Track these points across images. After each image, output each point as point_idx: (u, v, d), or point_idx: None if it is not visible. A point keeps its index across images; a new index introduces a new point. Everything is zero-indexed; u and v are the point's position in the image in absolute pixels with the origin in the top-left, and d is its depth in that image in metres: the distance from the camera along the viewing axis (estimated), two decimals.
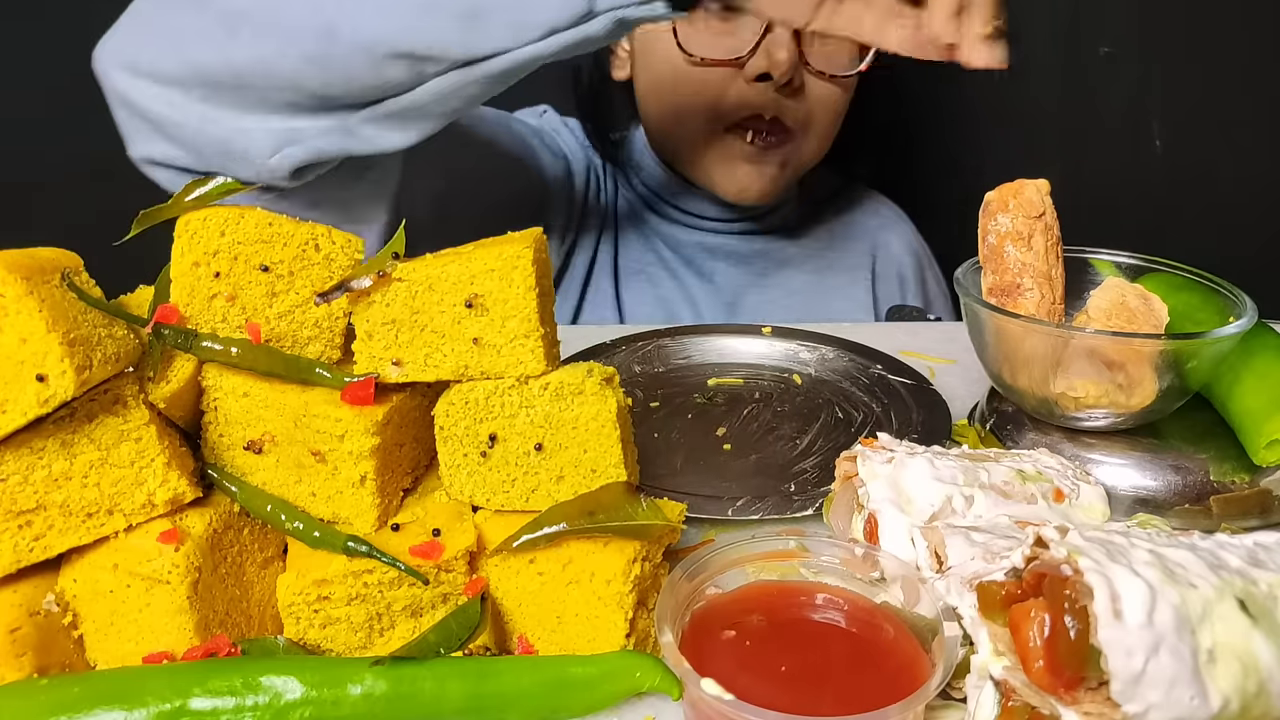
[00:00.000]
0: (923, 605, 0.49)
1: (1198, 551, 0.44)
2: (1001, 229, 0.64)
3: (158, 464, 0.51)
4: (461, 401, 0.54)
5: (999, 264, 0.65)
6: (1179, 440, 0.67)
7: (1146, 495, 0.65)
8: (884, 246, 1.24)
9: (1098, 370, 0.63)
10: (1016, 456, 0.62)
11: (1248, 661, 0.41)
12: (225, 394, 0.54)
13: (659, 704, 0.51)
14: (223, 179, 0.54)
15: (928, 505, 0.56)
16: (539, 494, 0.55)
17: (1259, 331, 0.68)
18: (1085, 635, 0.40)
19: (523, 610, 0.54)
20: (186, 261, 0.53)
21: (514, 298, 0.52)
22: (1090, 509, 0.60)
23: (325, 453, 0.53)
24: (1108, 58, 1.45)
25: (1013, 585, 0.45)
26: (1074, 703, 0.42)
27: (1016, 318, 0.64)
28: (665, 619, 0.48)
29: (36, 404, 0.46)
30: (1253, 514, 0.65)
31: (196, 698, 0.46)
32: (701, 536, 0.65)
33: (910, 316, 1.14)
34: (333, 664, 0.49)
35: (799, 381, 0.88)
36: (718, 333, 0.95)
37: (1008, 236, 0.64)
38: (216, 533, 0.53)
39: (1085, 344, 0.63)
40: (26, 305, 0.46)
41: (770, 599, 0.52)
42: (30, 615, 0.49)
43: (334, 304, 0.55)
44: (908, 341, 0.95)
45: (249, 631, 0.55)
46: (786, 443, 0.78)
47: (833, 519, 0.62)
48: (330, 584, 0.52)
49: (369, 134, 0.76)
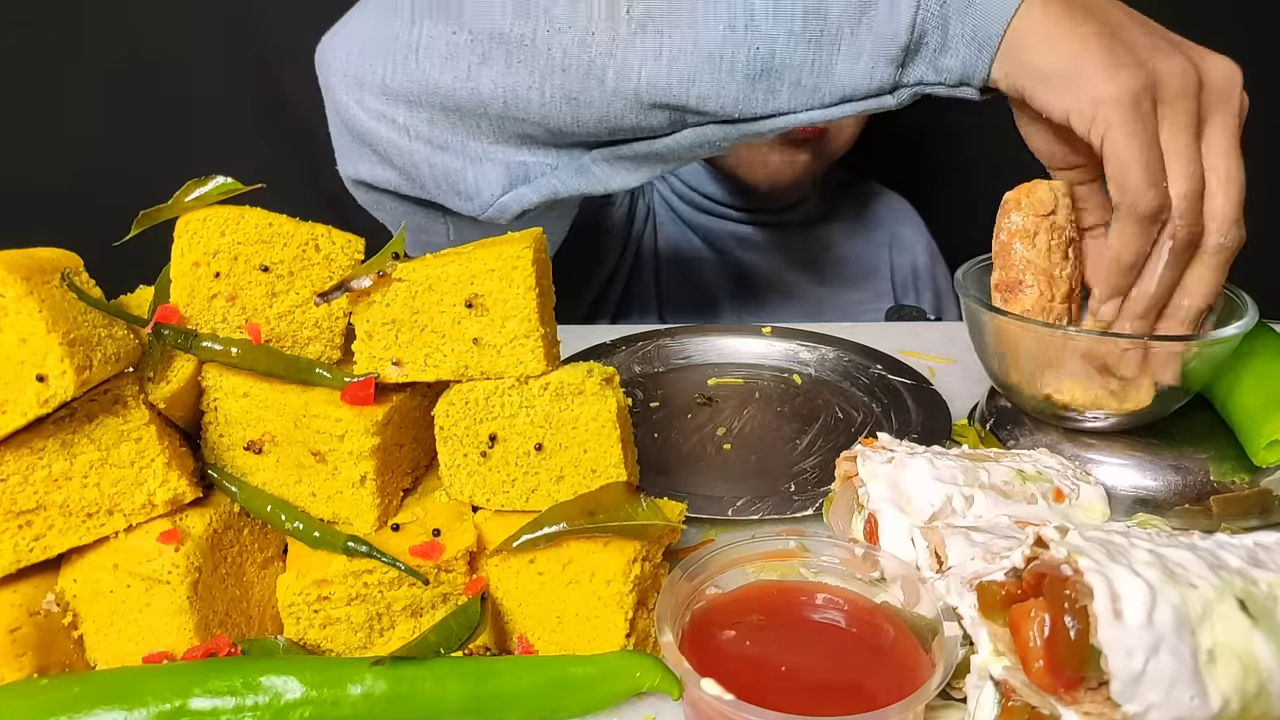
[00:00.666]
0: (923, 605, 0.49)
1: (1198, 551, 0.44)
2: (1013, 226, 0.65)
3: (158, 464, 0.51)
4: (461, 401, 0.54)
5: (1005, 260, 0.65)
6: (1179, 440, 0.67)
7: (1146, 495, 0.65)
8: (899, 239, 1.26)
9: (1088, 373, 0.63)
10: (1016, 456, 0.62)
11: (1248, 661, 0.41)
12: (225, 394, 0.54)
13: (659, 704, 0.51)
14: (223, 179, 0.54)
15: (928, 505, 0.56)
16: (539, 494, 0.55)
17: (1259, 332, 0.68)
18: (1085, 635, 0.40)
19: (523, 610, 0.54)
20: (186, 261, 0.53)
21: (514, 298, 0.52)
22: (1090, 509, 0.60)
23: (325, 453, 0.53)
24: None
25: (1013, 585, 0.45)
26: (1074, 703, 0.42)
27: (1013, 317, 0.64)
28: (665, 619, 0.48)
29: (36, 404, 0.46)
30: (1253, 514, 0.65)
31: (196, 698, 0.46)
32: (701, 536, 0.65)
33: (910, 316, 1.14)
34: (333, 664, 0.49)
35: (799, 381, 0.88)
36: (718, 333, 0.95)
37: (1017, 234, 0.64)
38: (216, 533, 0.53)
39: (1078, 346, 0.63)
40: (26, 305, 0.46)
41: (770, 599, 0.52)
42: (30, 615, 0.49)
43: (334, 304, 0.55)
44: (908, 341, 0.95)
45: (249, 631, 0.55)
46: (786, 443, 0.78)
47: (833, 519, 0.62)
48: (330, 584, 0.52)
49: (601, 173, 0.72)
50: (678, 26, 0.63)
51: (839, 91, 0.63)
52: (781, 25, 0.61)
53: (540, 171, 0.72)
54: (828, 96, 0.63)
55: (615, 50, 0.64)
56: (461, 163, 0.72)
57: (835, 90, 0.63)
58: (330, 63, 0.74)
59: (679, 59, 0.63)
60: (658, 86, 0.64)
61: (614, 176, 0.72)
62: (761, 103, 0.64)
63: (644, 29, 0.63)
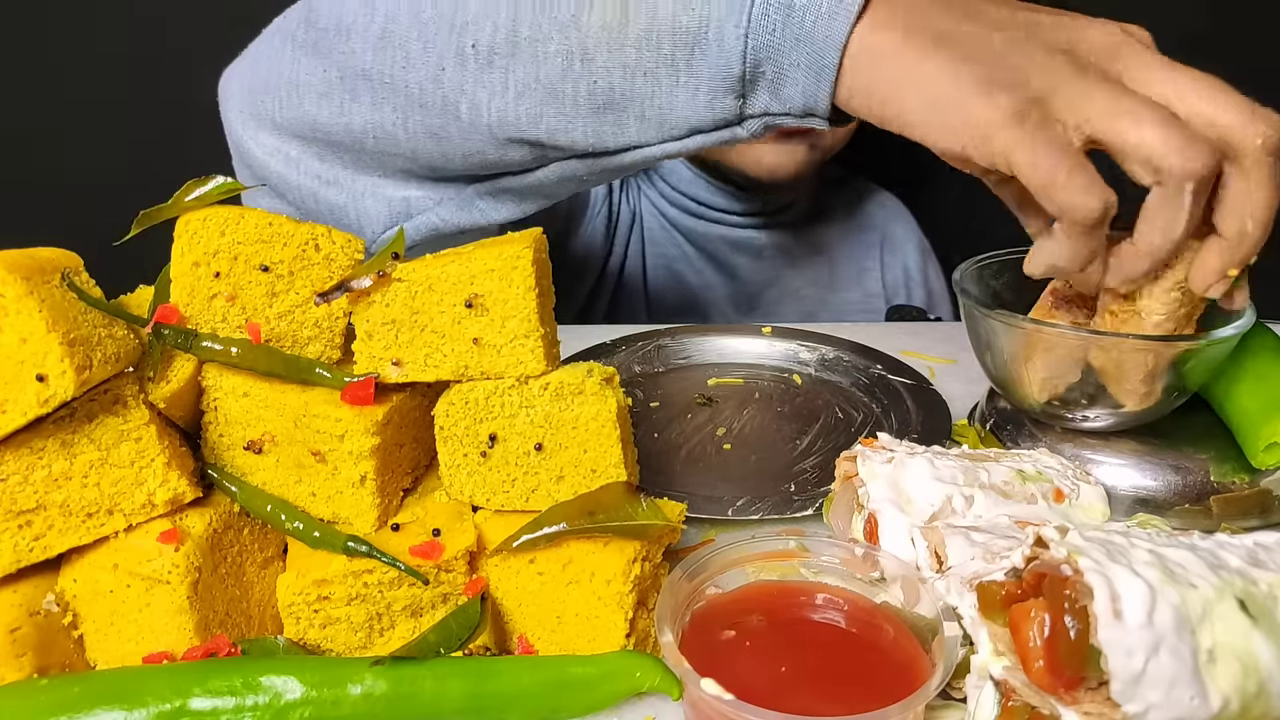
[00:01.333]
0: (923, 605, 0.49)
1: (1198, 551, 0.44)
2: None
3: (158, 464, 0.51)
4: (461, 401, 0.54)
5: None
6: (1179, 440, 0.67)
7: (1146, 495, 0.65)
8: (891, 238, 1.26)
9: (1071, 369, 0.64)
10: (1016, 456, 0.62)
11: (1248, 661, 0.41)
12: (225, 394, 0.54)
13: (659, 704, 0.51)
14: (222, 179, 0.54)
15: (928, 505, 0.56)
16: (539, 494, 0.55)
17: (1257, 332, 0.68)
18: (1085, 635, 0.40)
19: (523, 610, 0.54)
20: (186, 261, 0.53)
21: (514, 298, 0.52)
22: (1090, 509, 0.60)
23: (325, 453, 0.53)
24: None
25: (1013, 585, 0.45)
26: (1074, 703, 0.42)
27: (1012, 317, 0.64)
28: (665, 619, 0.48)
29: (36, 404, 0.46)
30: (1253, 514, 0.65)
31: (196, 698, 0.46)
32: (701, 536, 0.65)
33: (910, 316, 1.14)
34: (333, 664, 0.49)
35: (799, 381, 0.88)
36: (718, 333, 0.95)
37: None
38: (216, 533, 0.53)
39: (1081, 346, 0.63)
40: (26, 305, 0.46)
41: (770, 599, 0.52)
42: (30, 615, 0.49)
43: (334, 304, 0.55)
44: (908, 341, 0.95)
45: (249, 631, 0.55)
46: (786, 443, 0.78)
47: (833, 519, 0.62)
48: (330, 584, 0.52)
49: (486, 206, 0.72)
50: (520, 61, 0.63)
51: (684, 124, 0.62)
52: (616, 58, 0.60)
53: (422, 207, 0.72)
54: (675, 129, 0.62)
55: (465, 86, 0.64)
56: (346, 198, 0.72)
57: (680, 123, 0.62)
58: (228, 97, 0.75)
59: (525, 94, 0.63)
60: (508, 122, 0.64)
61: (499, 209, 0.72)
62: (611, 136, 0.63)
63: (490, 64, 0.63)
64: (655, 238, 1.17)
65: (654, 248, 1.17)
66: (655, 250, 1.17)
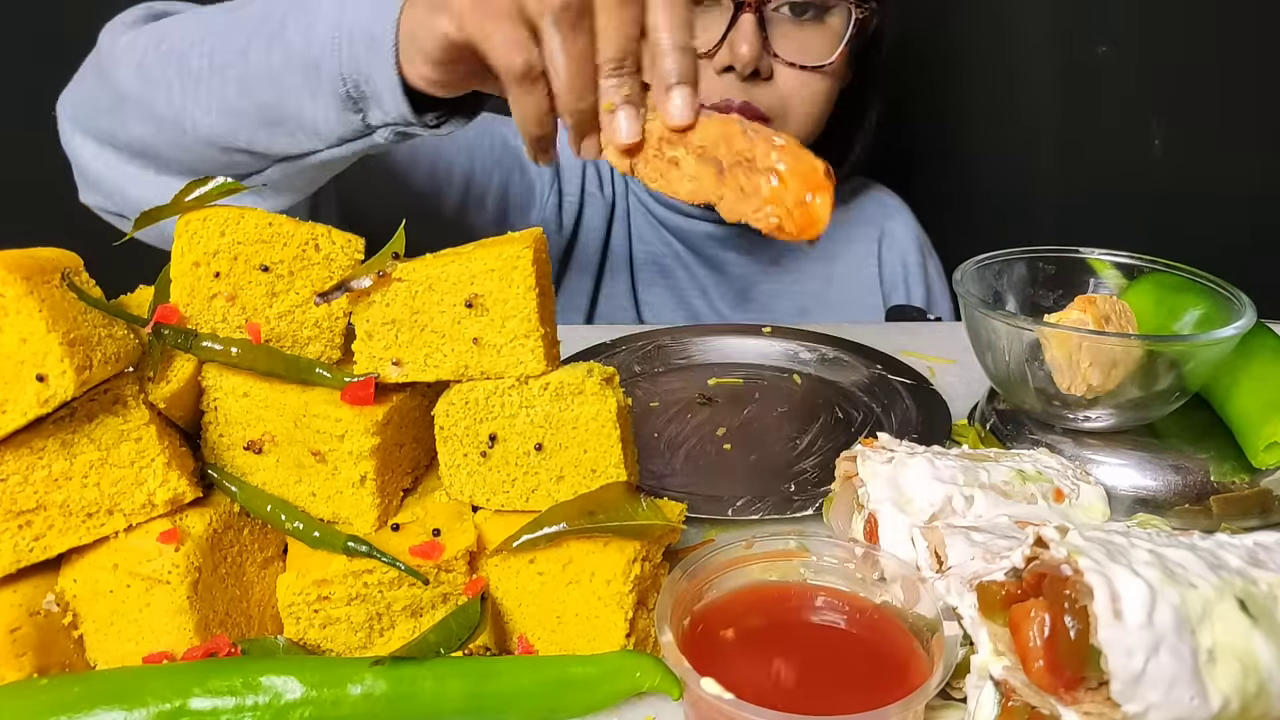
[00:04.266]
0: (923, 605, 0.49)
1: (1198, 551, 0.44)
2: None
3: (158, 464, 0.51)
4: (461, 401, 0.54)
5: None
6: (1179, 440, 0.67)
7: (1146, 495, 0.65)
8: (889, 234, 1.25)
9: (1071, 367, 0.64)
10: (1016, 456, 0.62)
11: (1248, 661, 0.41)
12: (225, 394, 0.54)
13: (659, 704, 0.51)
14: (222, 179, 0.54)
15: (928, 505, 0.56)
16: (539, 494, 0.55)
17: (1257, 332, 0.68)
18: (1085, 635, 0.40)
19: (523, 610, 0.54)
20: (186, 261, 0.53)
21: (514, 298, 0.52)
22: (1090, 509, 0.60)
23: (325, 453, 0.53)
24: (1105, 56, 1.45)
25: (1013, 585, 0.45)
26: (1074, 703, 0.42)
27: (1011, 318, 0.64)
28: (665, 619, 0.48)
29: (36, 404, 0.46)
30: (1253, 514, 0.65)
31: (196, 698, 0.46)
32: (701, 536, 0.65)
33: (910, 316, 1.14)
34: (333, 664, 0.49)
35: (799, 381, 0.88)
36: (718, 333, 0.95)
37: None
38: (216, 533, 0.53)
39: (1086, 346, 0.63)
40: (26, 305, 0.46)
41: (770, 599, 0.52)
42: (30, 615, 0.49)
43: (334, 304, 0.55)
44: (908, 341, 0.95)
45: (249, 631, 0.55)
46: (786, 443, 0.78)
47: (833, 519, 0.62)
48: (330, 584, 0.52)
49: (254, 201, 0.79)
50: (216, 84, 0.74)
51: (332, 135, 0.72)
52: (262, 86, 0.72)
53: None
54: (327, 139, 0.72)
55: (186, 105, 0.75)
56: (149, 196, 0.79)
57: (329, 134, 0.72)
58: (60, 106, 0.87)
59: (223, 111, 0.74)
60: (217, 134, 0.75)
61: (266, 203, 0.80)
62: (287, 145, 0.74)
63: (198, 85, 0.75)
64: (643, 234, 1.17)
65: (642, 244, 1.17)
66: (643, 247, 1.17)
